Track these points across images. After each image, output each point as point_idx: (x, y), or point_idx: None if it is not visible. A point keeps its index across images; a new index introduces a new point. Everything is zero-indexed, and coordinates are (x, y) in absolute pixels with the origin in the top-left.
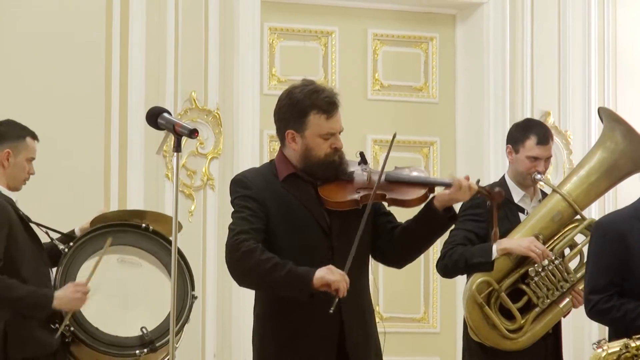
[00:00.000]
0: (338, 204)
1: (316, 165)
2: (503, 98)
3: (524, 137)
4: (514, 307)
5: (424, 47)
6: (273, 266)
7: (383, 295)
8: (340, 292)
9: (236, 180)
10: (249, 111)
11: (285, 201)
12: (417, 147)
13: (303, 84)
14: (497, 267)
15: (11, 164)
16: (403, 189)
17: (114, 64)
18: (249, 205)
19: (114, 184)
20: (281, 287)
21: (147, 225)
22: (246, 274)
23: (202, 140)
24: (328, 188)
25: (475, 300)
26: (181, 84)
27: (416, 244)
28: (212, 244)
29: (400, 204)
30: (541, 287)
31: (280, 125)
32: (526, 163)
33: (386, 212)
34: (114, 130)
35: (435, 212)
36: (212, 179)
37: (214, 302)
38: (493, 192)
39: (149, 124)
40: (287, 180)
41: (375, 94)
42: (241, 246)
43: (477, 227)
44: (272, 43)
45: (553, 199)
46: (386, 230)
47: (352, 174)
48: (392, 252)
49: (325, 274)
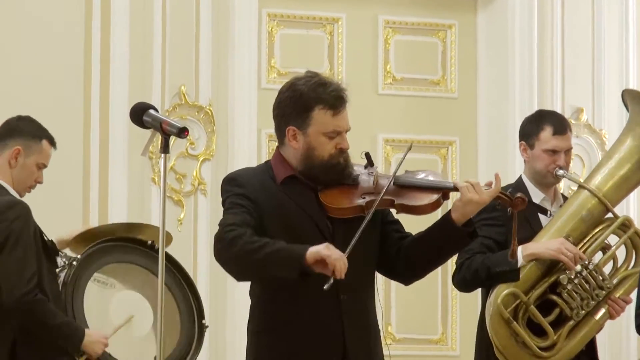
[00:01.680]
0: (341, 211)
1: (318, 167)
2: (530, 93)
3: (537, 129)
4: (545, 322)
5: (441, 36)
6: (262, 245)
7: (395, 314)
8: (337, 272)
9: (228, 179)
10: (246, 107)
11: (283, 206)
12: (434, 148)
13: (307, 75)
14: (524, 276)
15: (19, 164)
16: (413, 194)
17: (93, 53)
18: (242, 203)
19: (93, 189)
20: (268, 265)
21: (152, 243)
22: (234, 261)
23: (193, 140)
24: (330, 193)
25: (502, 316)
26: (169, 76)
27: (428, 259)
28: (204, 256)
29: (411, 210)
30: (574, 297)
31: (280, 121)
32: (544, 158)
33: (394, 220)
34: (93, 129)
35: (451, 224)
36: (203, 184)
37: (207, 318)
38: (515, 198)
39: (133, 122)
40: (285, 184)
41: (387, 89)
42: (228, 234)
43: (494, 232)
44: (271, 31)
45: (580, 196)
46: (393, 240)
47: (357, 177)
48: (400, 266)
49: (320, 248)
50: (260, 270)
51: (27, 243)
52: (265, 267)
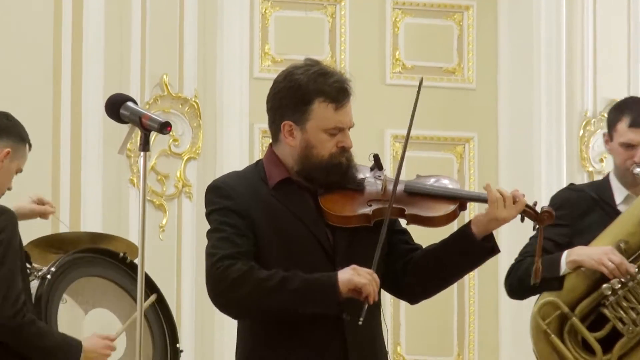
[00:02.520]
0: (344, 219)
1: (318, 168)
2: (558, 83)
3: (615, 119)
4: (591, 337)
5: (457, 18)
6: (280, 281)
7: (405, 333)
8: (370, 298)
9: (212, 188)
10: (236, 100)
11: (276, 215)
12: (449, 145)
13: (306, 64)
14: (569, 285)
15: (5, 166)
16: (427, 203)
17: (64, 37)
18: (231, 222)
19: (64, 191)
20: (299, 303)
21: (124, 255)
22: (245, 303)
23: (177, 137)
24: (331, 198)
25: (539, 328)
26: (150, 64)
27: (440, 276)
28: (189, 267)
29: (423, 221)
30: (626, 310)
31: (275, 114)
32: (621, 153)
33: (401, 230)
34: (64, 124)
35: (472, 239)
36: (188, 186)
37: (192, 337)
38: (541, 212)
39: (109, 116)
40: (279, 188)
41: (396, 78)
42: (229, 272)
43: (556, 233)
44: (264, 13)
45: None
46: (400, 252)
47: (362, 181)
48: (407, 282)
49: (351, 276)
50: (286, 310)
51: (14, 258)
52: (293, 307)
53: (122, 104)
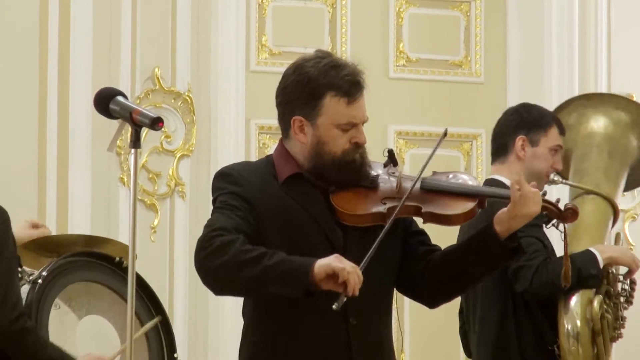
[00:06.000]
0: (357, 218)
1: (330, 165)
2: (570, 77)
3: (545, 123)
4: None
5: (464, 9)
6: (259, 255)
7: (409, 339)
8: (350, 288)
9: (222, 174)
10: (231, 94)
11: (285, 210)
12: (456, 142)
13: (317, 56)
14: None
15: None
16: (444, 200)
17: (50, 28)
18: (236, 204)
19: (51, 190)
20: (266, 281)
21: (120, 259)
22: (220, 273)
23: (169, 133)
24: (344, 196)
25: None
26: (140, 57)
27: (461, 278)
28: (182, 271)
29: (441, 220)
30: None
31: (285, 109)
32: (548, 158)
33: (419, 231)
34: (50, 119)
35: (496, 239)
36: (181, 184)
37: (185, 340)
38: (565, 210)
39: (98, 111)
40: (289, 183)
41: (400, 71)
42: (214, 241)
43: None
44: (261, 3)
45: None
46: (418, 254)
47: (376, 178)
48: (425, 285)
49: (331, 260)
50: (255, 286)
51: (10, 259)
52: (262, 283)
53: (111, 98)
